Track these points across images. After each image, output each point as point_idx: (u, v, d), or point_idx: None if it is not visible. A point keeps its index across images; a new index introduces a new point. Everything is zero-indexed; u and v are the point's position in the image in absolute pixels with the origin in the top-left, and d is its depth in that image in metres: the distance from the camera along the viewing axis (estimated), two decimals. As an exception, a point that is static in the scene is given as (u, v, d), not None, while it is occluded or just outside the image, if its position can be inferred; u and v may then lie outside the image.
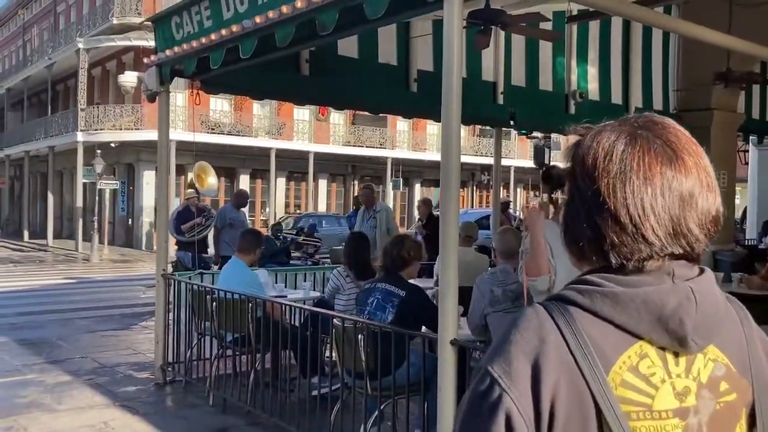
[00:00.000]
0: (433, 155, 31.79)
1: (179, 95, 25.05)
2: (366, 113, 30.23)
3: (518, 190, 34.90)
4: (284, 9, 4.20)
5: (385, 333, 3.77)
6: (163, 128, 6.01)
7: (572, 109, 8.79)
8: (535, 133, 14.32)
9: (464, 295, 5.36)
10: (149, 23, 6.14)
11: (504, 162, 32.99)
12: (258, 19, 4.44)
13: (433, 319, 3.99)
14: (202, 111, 26.08)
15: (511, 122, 8.14)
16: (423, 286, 4.56)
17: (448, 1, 3.31)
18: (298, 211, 27.33)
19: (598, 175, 0.94)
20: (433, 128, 33.21)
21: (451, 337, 3.27)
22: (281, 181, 29.05)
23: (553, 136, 15.26)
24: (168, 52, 5.51)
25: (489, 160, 32.83)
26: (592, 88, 9.12)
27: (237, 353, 5.37)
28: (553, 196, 3.45)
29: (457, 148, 3.35)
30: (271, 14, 4.33)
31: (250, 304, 4.98)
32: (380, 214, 8.71)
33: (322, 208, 30.25)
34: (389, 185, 29.91)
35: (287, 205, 30.10)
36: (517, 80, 8.30)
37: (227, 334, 5.28)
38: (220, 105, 27.65)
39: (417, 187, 33.36)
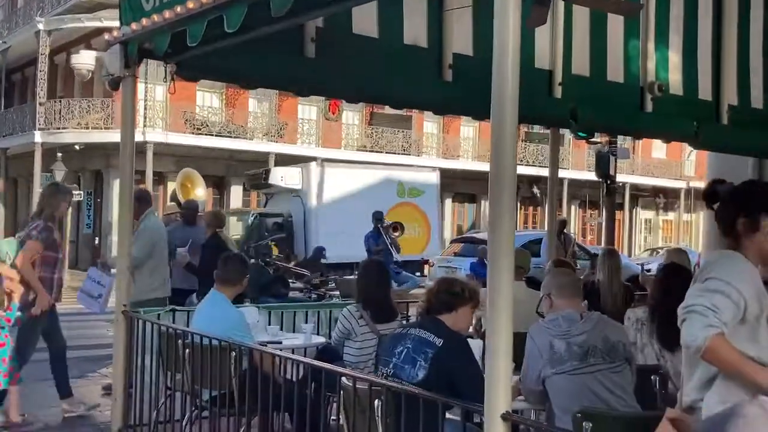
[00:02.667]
0: (467, 164, 31.60)
1: (159, 88, 25.11)
2: (386, 110, 30.51)
3: (572, 207, 34.46)
4: (282, -33, 3.90)
5: (411, 397, 3.40)
6: (128, 125, 5.74)
7: (649, 106, 8.39)
8: (596, 137, 13.97)
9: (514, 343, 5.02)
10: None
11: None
12: (248, -19, 4.15)
13: (470, 383, 3.61)
14: (186, 107, 26.10)
15: (572, 121, 7.76)
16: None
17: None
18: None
19: None
20: (468, 130, 33.03)
21: (503, 410, 2.89)
22: (282, 194, 28.92)
23: (620, 139, 14.90)
24: (134, 26, 5.23)
25: (537, 171, 32.52)
26: (674, 79, 8.72)
27: (217, 415, 5.06)
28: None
29: (512, 156, 3.04)
30: (265, -26, 4.03)
31: (233, 353, 4.67)
32: (137, 233, 7.18)
33: (330, 226, 30.00)
34: (413, 200, 29.63)
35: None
36: (579, 68, 7.93)
37: (203, 390, 4.98)
38: (208, 100, 27.68)
39: (447, 202, 33.04)
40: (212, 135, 26.31)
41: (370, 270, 5.60)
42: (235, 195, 27.73)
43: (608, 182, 13.88)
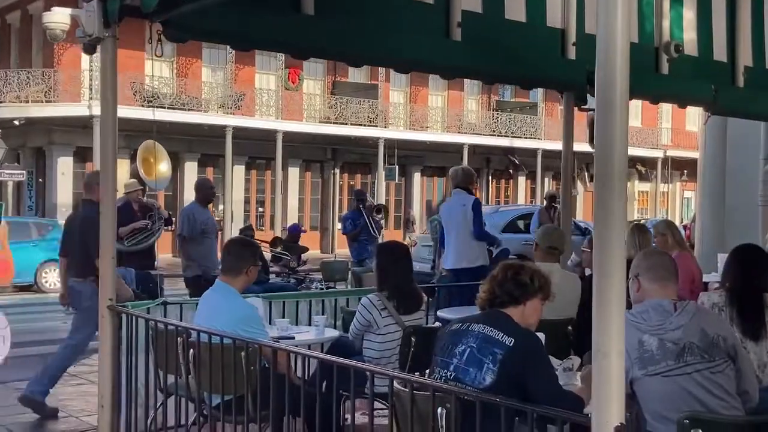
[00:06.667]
0: (437, 135, 31.34)
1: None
2: (350, 78, 30.06)
3: (546, 179, 34.47)
4: None
5: (489, 406, 3.06)
6: (108, 94, 5.29)
7: (664, 68, 8.17)
8: (590, 104, 13.74)
9: (550, 334, 4.72)
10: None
11: (528, 144, 32.71)
12: None
13: (546, 388, 3.33)
14: (134, 78, 25.41)
15: (589, 86, 7.50)
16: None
17: None
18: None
19: None
20: (436, 99, 32.73)
21: (617, 422, 2.59)
22: (239, 170, 28.40)
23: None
24: (117, -21, 4.80)
25: (510, 141, 32.39)
26: (689, 39, 8.50)
27: (225, 421, 4.69)
28: None
29: (624, 142, 2.76)
30: None
31: (245, 353, 4.32)
32: None
33: (293, 203, 29.62)
34: (381, 175, 29.30)
35: (247, 201, 29.43)
36: (592, 27, 7.62)
37: (211, 396, 4.61)
38: (158, 69, 26.91)
39: (416, 176, 32.81)
40: (163, 107, 25.58)
41: (391, 253, 5.25)
42: (190, 171, 27.10)
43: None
